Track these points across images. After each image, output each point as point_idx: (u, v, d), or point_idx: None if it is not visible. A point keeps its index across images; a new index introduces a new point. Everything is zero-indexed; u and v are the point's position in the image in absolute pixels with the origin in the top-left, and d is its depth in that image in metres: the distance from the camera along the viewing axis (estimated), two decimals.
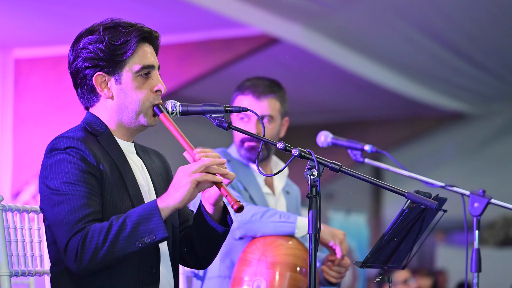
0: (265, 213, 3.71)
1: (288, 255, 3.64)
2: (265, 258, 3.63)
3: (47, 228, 2.79)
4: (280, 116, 4.03)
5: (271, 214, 3.71)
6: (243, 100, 3.97)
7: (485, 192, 3.84)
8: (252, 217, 3.71)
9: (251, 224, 3.71)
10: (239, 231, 3.73)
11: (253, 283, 3.62)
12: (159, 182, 2.97)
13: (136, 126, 2.89)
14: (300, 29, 8.44)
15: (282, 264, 3.61)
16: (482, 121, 12.38)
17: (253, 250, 3.68)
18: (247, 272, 3.64)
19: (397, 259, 3.39)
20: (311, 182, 2.75)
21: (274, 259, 3.63)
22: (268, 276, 3.60)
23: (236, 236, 3.74)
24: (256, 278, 3.62)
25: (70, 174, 2.70)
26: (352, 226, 10.58)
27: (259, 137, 2.91)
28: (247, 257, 3.68)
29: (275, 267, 3.61)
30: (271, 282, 3.59)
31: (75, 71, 2.87)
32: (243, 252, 3.71)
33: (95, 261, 2.63)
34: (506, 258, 11.04)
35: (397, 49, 9.33)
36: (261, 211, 3.72)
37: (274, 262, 3.62)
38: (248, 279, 3.63)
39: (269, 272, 3.61)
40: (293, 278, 3.61)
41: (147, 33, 2.88)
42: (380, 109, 12.39)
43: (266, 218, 3.71)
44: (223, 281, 3.82)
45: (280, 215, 3.72)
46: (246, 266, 3.65)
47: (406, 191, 2.84)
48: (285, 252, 3.65)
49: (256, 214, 3.71)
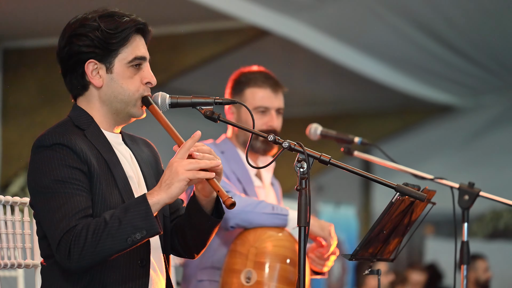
0: (258, 204, 3.73)
1: (278, 247, 3.65)
2: (255, 250, 3.64)
3: (38, 224, 2.79)
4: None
5: (264, 206, 3.73)
6: (258, 92, 3.96)
7: (474, 184, 3.85)
8: (246, 208, 3.72)
9: (244, 214, 3.72)
10: (232, 221, 3.73)
11: (243, 274, 3.62)
12: (148, 171, 2.96)
13: (124, 116, 2.89)
14: (290, 21, 8.44)
15: (272, 256, 3.62)
16: (472, 114, 12.39)
17: (243, 241, 3.68)
18: (237, 263, 3.65)
19: (386, 251, 3.40)
20: (301, 174, 2.75)
21: (264, 250, 3.64)
22: (258, 267, 3.61)
23: (228, 226, 3.74)
24: (246, 269, 3.62)
25: (58, 171, 2.70)
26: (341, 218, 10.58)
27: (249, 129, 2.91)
28: (237, 248, 3.68)
29: (265, 258, 3.62)
30: (261, 273, 3.59)
31: (66, 57, 2.85)
32: (233, 244, 3.72)
33: (87, 259, 2.63)
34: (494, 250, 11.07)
35: (387, 42, 9.33)
36: (254, 202, 3.74)
37: (264, 253, 3.63)
38: (238, 270, 3.63)
39: (259, 263, 3.62)
40: (283, 269, 3.62)
41: (142, 24, 2.88)
42: (370, 102, 12.40)
43: (259, 210, 3.72)
44: (216, 272, 3.83)
45: (273, 207, 3.73)
46: (236, 257, 3.66)
47: (395, 184, 2.85)
48: (275, 244, 3.65)
49: (249, 205, 3.72)
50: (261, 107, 3.96)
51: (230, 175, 3.89)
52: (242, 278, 3.62)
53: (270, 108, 3.97)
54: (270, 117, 3.96)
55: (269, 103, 3.97)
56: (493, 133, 12.37)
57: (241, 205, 3.71)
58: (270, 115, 3.96)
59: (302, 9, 8.20)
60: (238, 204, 3.70)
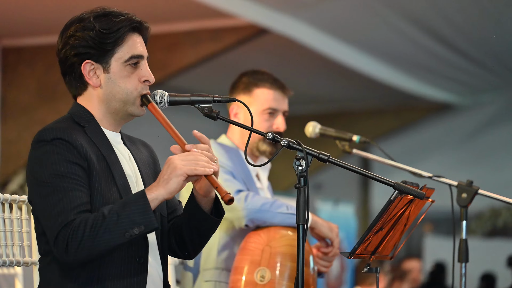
0: (273, 203, 3.73)
1: (290, 246, 3.66)
2: (269, 249, 3.65)
3: (36, 219, 2.79)
4: None
5: (279, 205, 3.73)
6: (269, 94, 3.95)
7: (472, 182, 3.85)
8: (262, 206, 3.72)
9: (260, 213, 3.71)
10: (247, 218, 3.72)
11: (257, 273, 3.63)
12: (146, 172, 2.96)
13: (123, 115, 2.89)
14: (288, 19, 8.44)
15: (284, 255, 3.64)
16: (470, 112, 12.40)
17: (256, 240, 3.69)
18: (249, 262, 3.65)
19: (385, 249, 3.40)
20: (300, 172, 2.75)
21: (277, 249, 3.65)
22: (272, 266, 3.62)
23: (243, 224, 3.74)
24: (260, 267, 3.63)
25: (58, 166, 2.70)
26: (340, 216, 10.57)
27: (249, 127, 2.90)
28: (250, 246, 3.68)
29: (278, 257, 3.63)
30: (274, 272, 3.61)
31: (64, 58, 2.86)
32: (245, 242, 3.72)
33: (84, 252, 2.63)
34: (493, 248, 11.09)
35: (386, 40, 9.33)
36: (269, 201, 3.74)
37: (277, 253, 3.64)
38: (250, 269, 3.64)
39: (273, 262, 3.63)
40: (294, 269, 3.63)
41: (138, 23, 2.88)
42: (369, 100, 12.41)
43: (275, 209, 3.72)
44: (221, 273, 3.83)
45: (287, 206, 3.74)
46: (249, 255, 3.66)
47: (394, 182, 2.85)
48: (288, 243, 3.67)
49: (265, 203, 3.72)
50: (270, 109, 3.95)
51: (237, 174, 3.88)
52: (256, 277, 3.62)
53: (279, 110, 3.96)
54: (278, 120, 3.96)
55: (279, 105, 3.97)
56: (491, 131, 12.38)
57: (257, 204, 3.71)
58: (278, 118, 3.96)
59: (300, 7, 8.20)
60: (255, 203, 3.71)
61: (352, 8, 8.35)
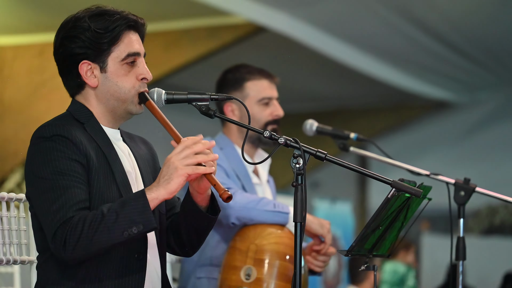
0: (260, 201, 3.73)
1: (278, 244, 3.65)
2: (255, 247, 3.64)
3: (34, 216, 2.78)
4: None
5: (266, 203, 3.73)
6: (260, 84, 3.98)
7: (469, 180, 3.85)
8: (248, 204, 3.72)
9: (246, 211, 3.71)
10: (233, 217, 3.72)
11: (243, 271, 3.62)
12: (146, 169, 2.96)
13: (122, 114, 2.89)
14: (285, 17, 8.43)
15: (271, 253, 3.63)
16: (467, 110, 12.40)
17: (243, 238, 3.68)
18: (236, 260, 3.65)
19: (382, 247, 3.40)
20: (297, 170, 2.75)
21: (264, 247, 3.64)
22: (258, 264, 3.61)
23: (230, 221, 3.74)
24: (246, 266, 3.62)
25: (57, 162, 2.70)
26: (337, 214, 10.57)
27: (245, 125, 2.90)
28: (237, 245, 3.68)
29: (265, 255, 3.62)
30: (261, 270, 3.60)
31: (61, 59, 2.86)
32: (233, 240, 3.72)
33: (82, 250, 2.63)
34: (491, 246, 11.09)
35: (383, 38, 9.32)
36: (256, 199, 3.74)
37: (264, 250, 3.63)
38: (237, 267, 3.63)
39: (259, 260, 3.62)
40: (282, 266, 3.62)
41: (133, 21, 2.87)
42: (366, 98, 12.40)
43: (261, 207, 3.72)
44: (215, 269, 3.83)
45: (274, 204, 3.73)
46: (236, 254, 3.66)
47: (391, 180, 2.85)
48: (275, 241, 3.66)
49: (251, 201, 3.72)
50: (265, 98, 3.98)
51: (230, 172, 3.89)
52: (242, 275, 3.62)
53: (273, 97, 4.00)
54: (275, 107, 3.98)
55: (272, 93, 4.01)
56: (488, 129, 12.38)
57: (243, 202, 3.71)
58: (274, 105, 3.99)
59: (298, 5, 8.20)
60: (240, 201, 3.70)
61: (349, 6, 8.35)
